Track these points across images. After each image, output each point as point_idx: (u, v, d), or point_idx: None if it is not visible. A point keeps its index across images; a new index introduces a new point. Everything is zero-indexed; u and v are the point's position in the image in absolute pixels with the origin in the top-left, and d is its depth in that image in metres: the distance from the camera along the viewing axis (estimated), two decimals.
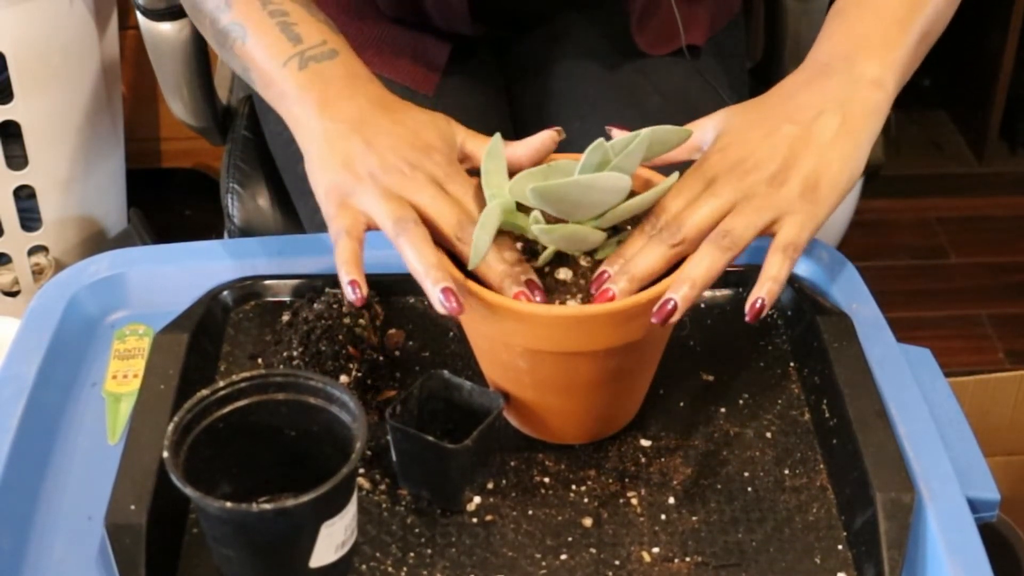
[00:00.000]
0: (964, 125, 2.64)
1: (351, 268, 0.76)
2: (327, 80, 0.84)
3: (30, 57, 1.71)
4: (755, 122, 0.81)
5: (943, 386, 0.88)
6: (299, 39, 0.85)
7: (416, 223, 0.76)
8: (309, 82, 0.83)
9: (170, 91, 1.32)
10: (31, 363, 0.87)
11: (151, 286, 0.96)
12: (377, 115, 0.82)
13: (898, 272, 2.30)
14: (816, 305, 0.90)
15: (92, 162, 1.88)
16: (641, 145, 0.76)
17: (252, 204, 1.27)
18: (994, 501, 0.80)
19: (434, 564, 0.75)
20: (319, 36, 0.86)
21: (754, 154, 0.79)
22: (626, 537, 0.77)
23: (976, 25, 2.51)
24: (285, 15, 0.87)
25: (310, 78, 0.84)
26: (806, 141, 0.79)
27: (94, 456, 0.83)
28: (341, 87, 0.83)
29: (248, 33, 0.87)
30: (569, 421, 0.82)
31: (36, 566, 0.76)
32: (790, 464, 0.82)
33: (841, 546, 0.76)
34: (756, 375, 0.88)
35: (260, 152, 1.29)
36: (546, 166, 0.80)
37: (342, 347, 0.87)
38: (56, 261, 1.89)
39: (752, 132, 0.80)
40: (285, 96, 0.84)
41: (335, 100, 0.82)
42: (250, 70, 0.88)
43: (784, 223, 0.77)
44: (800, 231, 0.77)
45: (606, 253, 0.78)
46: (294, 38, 0.85)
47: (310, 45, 0.85)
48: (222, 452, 0.73)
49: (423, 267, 0.74)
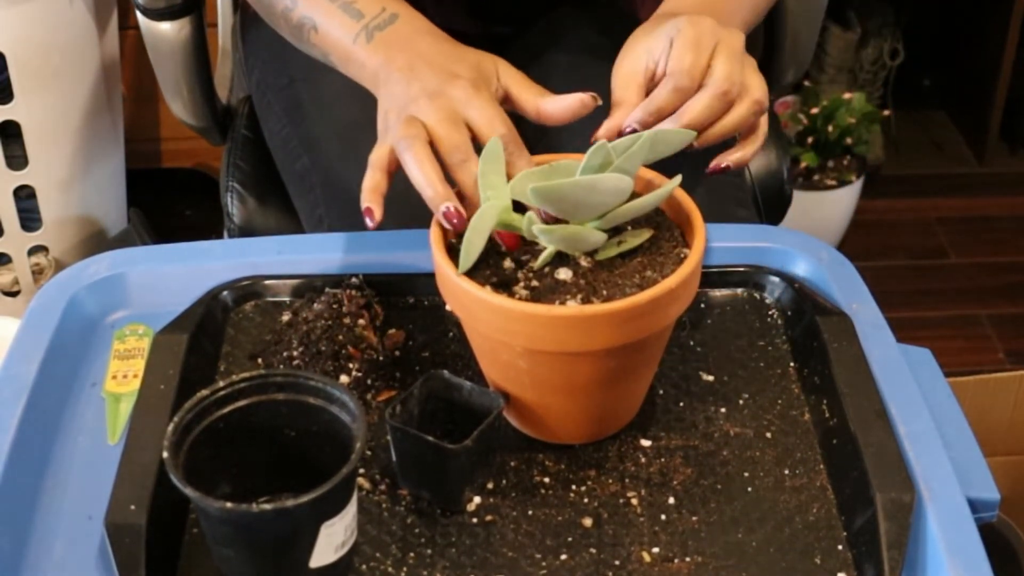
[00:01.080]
0: (964, 125, 2.64)
1: (368, 195, 0.82)
2: (391, 43, 0.92)
3: (30, 57, 1.71)
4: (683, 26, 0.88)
5: (943, 386, 0.88)
6: (360, 15, 0.93)
7: (422, 141, 0.82)
8: (375, 51, 0.92)
9: (170, 91, 1.32)
10: (31, 363, 0.87)
11: (151, 286, 0.96)
12: (425, 58, 0.89)
13: (898, 272, 2.30)
14: (816, 305, 0.90)
15: (92, 162, 1.88)
16: (643, 146, 0.76)
17: (252, 204, 1.27)
18: (994, 501, 0.80)
19: (434, 564, 0.75)
20: (378, 5, 0.94)
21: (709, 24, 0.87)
22: (626, 537, 0.77)
23: (976, 25, 2.52)
24: None
25: (376, 47, 0.92)
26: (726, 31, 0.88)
27: (94, 456, 0.83)
28: (403, 45, 0.92)
29: (317, 22, 0.95)
30: (569, 421, 0.82)
31: (36, 566, 0.76)
32: (790, 464, 0.82)
33: (841, 546, 0.76)
34: (756, 375, 0.88)
35: (260, 152, 1.29)
36: (548, 166, 0.80)
37: (342, 347, 0.87)
38: (56, 261, 1.89)
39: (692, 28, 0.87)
40: (364, 67, 0.93)
41: (397, 55, 0.90)
42: (329, 54, 0.96)
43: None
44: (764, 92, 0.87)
45: (607, 254, 0.78)
46: (356, 15, 0.93)
47: (372, 16, 0.93)
48: (222, 452, 0.73)
49: (423, 180, 0.80)
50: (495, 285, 0.77)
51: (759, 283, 0.95)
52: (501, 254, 0.79)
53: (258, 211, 1.27)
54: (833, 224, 2.33)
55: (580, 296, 0.76)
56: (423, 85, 0.86)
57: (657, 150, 0.78)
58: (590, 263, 0.78)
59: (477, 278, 0.76)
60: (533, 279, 0.78)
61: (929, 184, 2.52)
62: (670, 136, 0.79)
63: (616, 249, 0.79)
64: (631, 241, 0.79)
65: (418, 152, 0.81)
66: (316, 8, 0.96)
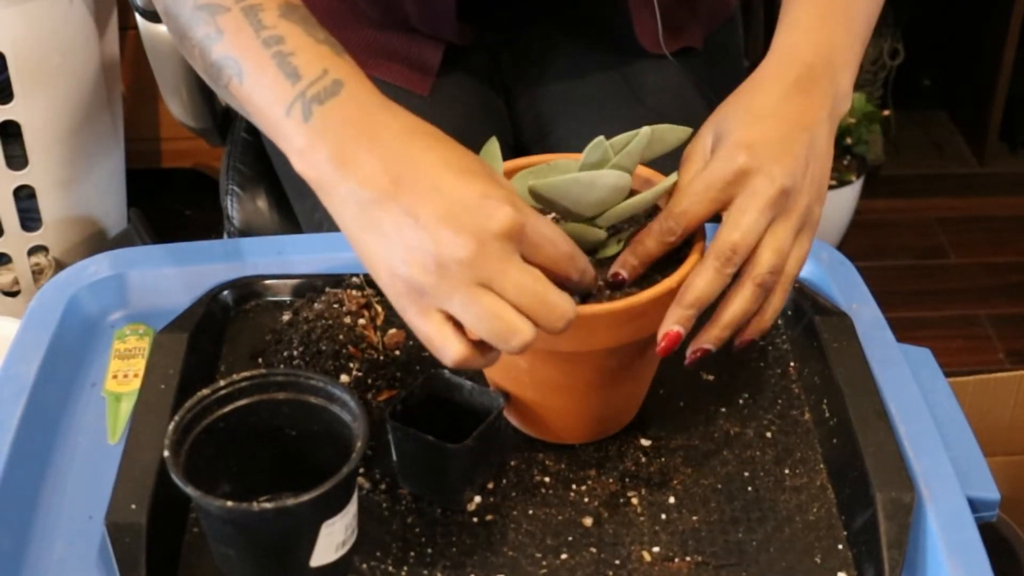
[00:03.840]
0: (964, 125, 2.64)
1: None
2: (337, 128, 0.71)
3: (30, 57, 1.71)
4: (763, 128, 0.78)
5: (943, 386, 0.89)
6: (297, 75, 0.72)
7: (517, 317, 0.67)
8: (319, 135, 0.71)
9: (169, 92, 1.32)
10: (31, 363, 0.87)
11: (151, 286, 0.96)
12: (408, 165, 0.69)
13: (898, 272, 2.30)
14: (816, 305, 0.90)
15: (92, 162, 1.88)
16: (641, 143, 0.76)
17: (251, 206, 1.27)
18: (994, 501, 0.80)
19: (434, 563, 0.75)
20: (319, 66, 0.73)
21: (785, 168, 0.76)
22: (626, 537, 0.77)
23: (976, 25, 2.52)
24: (281, 43, 0.74)
25: (319, 130, 0.71)
26: (815, 154, 0.78)
27: (94, 456, 0.83)
28: (356, 133, 0.70)
29: (244, 71, 0.74)
30: (569, 421, 0.82)
31: (36, 566, 0.76)
32: (790, 464, 0.82)
33: (841, 546, 0.76)
34: (756, 375, 0.88)
35: (259, 154, 1.29)
36: (546, 165, 0.80)
37: (342, 347, 0.87)
38: (56, 261, 1.89)
39: (767, 134, 0.78)
40: (296, 154, 0.72)
41: (354, 154, 0.69)
42: (252, 115, 0.75)
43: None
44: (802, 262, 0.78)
45: (606, 252, 0.78)
46: (292, 74, 0.73)
47: (310, 81, 0.72)
48: (222, 452, 0.73)
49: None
50: None
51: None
52: None
53: (258, 214, 1.27)
54: (833, 224, 2.33)
55: (579, 296, 0.76)
56: (457, 225, 0.66)
57: (655, 148, 0.78)
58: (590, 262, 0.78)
59: None
60: None
61: (929, 184, 2.52)
62: (667, 134, 0.79)
63: (616, 248, 0.78)
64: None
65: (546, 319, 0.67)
66: (245, 53, 0.74)
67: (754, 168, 0.76)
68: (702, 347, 0.77)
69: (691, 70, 1.16)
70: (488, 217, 0.66)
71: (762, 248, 0.75)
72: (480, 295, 0.66)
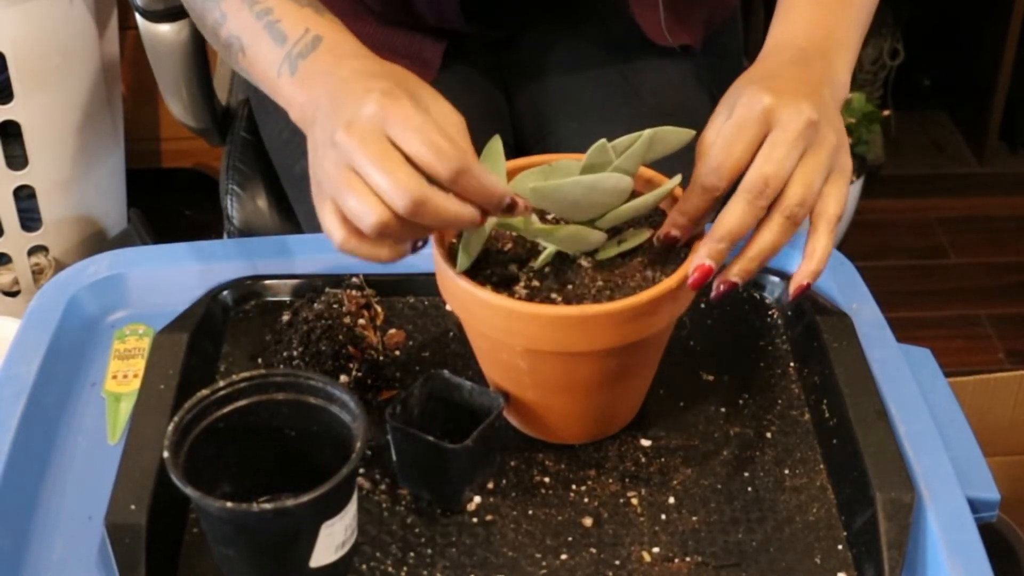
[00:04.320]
0: (964, 125, 2.64)
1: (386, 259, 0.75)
2: (316, 77, 0.79)
3: (30, 57, 1.71)
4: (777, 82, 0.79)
5: (943, 386, 0.89)
6: (284, 37, 0.81)
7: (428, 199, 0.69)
8: (300, 87, 0.80)
9: (169, 92, 1.32)
10: (31, 363, 0.87)
11: (151, 286, 0.96)
12: (346, 86, 0.75)
13: (898, 272, 2.30)
14: (816, 305, 0.90)
15: (92, 162, 1.88)
16: (643, 146, 0.76)
17: (251, 206, 1.27)
18: (994, 501, 0.80)
19: (434, 564, 0.75)
20: (302, 26, 0.81)
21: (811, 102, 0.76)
22: (626, 537, 0.77)
23: (976, 25, 2.52)
24: (270, 13, 0.83)
25: (300, 81, 0.80)
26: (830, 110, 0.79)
27: (94, 456, 0.83)
28: (325, 75, 0.78)
29: (245, 44, 0.85)
30: (569, 421, 0.82)
31: (36, 566, 0.76)
32: (790, 464, 0.82)
33: (841, 546, 0.76)
34: (756, 375, 0.88)
35: (259, 154, 1.29)
36: (547, 166, 0.80)
37: (342, 347, 0.87)
38: (56, 261, 1.89)
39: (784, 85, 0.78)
40: (291, 106, 0.81)
41: (320, 91, 0.77)
42: (260, 84, 0.85)
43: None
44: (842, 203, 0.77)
45: (607, 254, 0.78)
46: (280, 38, 0.82)
47: (295, 40, 0.81)
48: (222, 452, 0.73)
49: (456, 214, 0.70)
50: (495, 285, 0.77)
51: (759, 283, 0.95)
52: (501, 253, 0.79)
53: (258, 214, 1.27)
54: None
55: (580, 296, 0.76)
56: (340, 118, 0.72)
57: (657, 149, 0.78)
58: (590, 263, 0.78)
59: (477, 278, 0.76)
60: (533, 279, 0.78)
61: (929, 184, 2.52)
62: (669, 135, 0.79)
63: (616, 249, 0.78)
64: (631, 241, 0.79)
65: (431, 208, 0.69)
66: (243, 27, 0.85)
67: (780, 104, 0.76)
68: (729, 280, 0.76)
69: (692, 69, 1.16)
70: (360, 107, 0.71)
71: (792, 182, 0.75)
72: (346, 178, 0.71)
